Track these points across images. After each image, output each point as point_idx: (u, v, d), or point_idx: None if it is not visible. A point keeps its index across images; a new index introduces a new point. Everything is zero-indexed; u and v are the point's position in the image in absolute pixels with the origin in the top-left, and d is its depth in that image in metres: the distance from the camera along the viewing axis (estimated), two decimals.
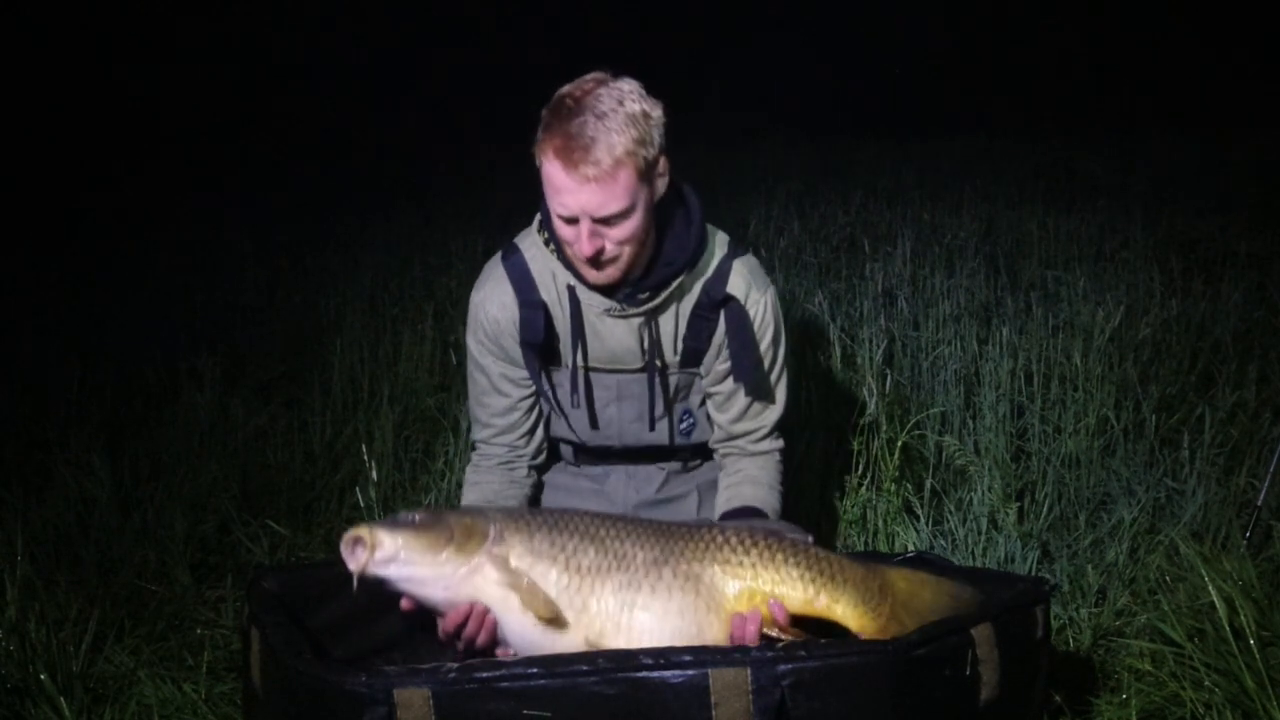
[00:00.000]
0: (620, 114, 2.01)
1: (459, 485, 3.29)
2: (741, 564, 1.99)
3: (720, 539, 2.01)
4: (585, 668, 1.70)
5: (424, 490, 3.40)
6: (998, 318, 4.40)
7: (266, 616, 1.91)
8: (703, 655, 1.72)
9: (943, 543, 2.95)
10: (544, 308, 2.26)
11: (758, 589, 1.99)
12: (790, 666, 1.70)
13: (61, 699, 2.29)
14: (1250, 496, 3.00)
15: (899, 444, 3.07)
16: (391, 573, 1.88)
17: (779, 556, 2.00)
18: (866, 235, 5.64)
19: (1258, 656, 2.12)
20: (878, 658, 1.73)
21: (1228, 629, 2.17)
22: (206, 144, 10.28)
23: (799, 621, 1.97)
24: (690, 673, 1.69)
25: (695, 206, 2.25)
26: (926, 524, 3.01)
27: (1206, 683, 2.20)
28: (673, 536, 2.01)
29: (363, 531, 1.85)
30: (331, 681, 1.71)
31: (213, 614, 2.83)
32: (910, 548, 2.81)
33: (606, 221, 2.05)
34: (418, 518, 1.93)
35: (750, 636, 1.94)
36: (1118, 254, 5.23)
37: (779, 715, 1.69)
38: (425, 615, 2.09)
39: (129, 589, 2.92)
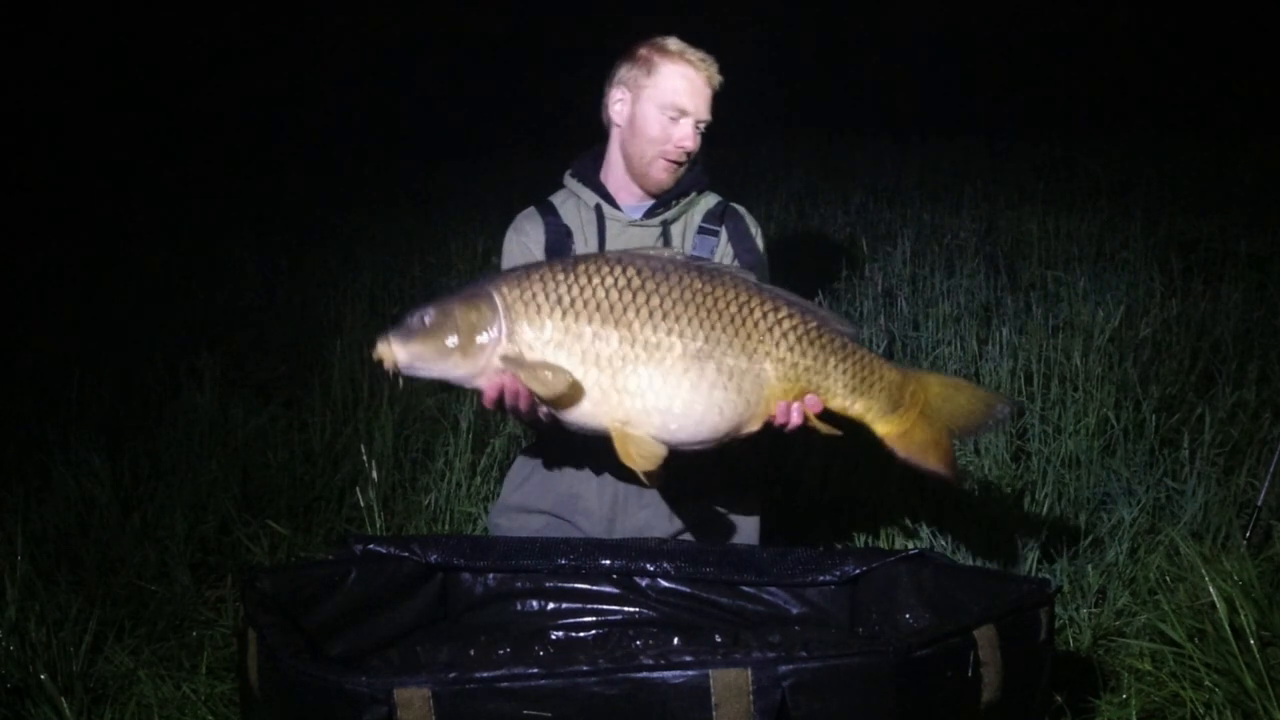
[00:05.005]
0: None
1: (458, 485, 3.31)
2: (795, 365, 2.06)
3: (776, 331, 2.05)
4: (585, 668, 1.70)
5: (424, 490, 3.40)
6: (998, 318, 4.40)
7: (263, 618, 1.91)
8: (703, 656, 1.71)
9: (943, 543, 2.95)
10: (567, 229, 2.57)
11: (802, 386, 2.07)
12: (791, 667, 1.69)
13: (61, 699, 2.30)
14: (1250, 496, 3.00)
15: None
16: (415, 374, 2.03)
17: (830, 361, 2.08)
18: (866, 235, 5.64)
19: (1258, 656, 2.12)
20: (879, 658, 1.73)
21: (1228, 629, 2.17)
22: (206, 144, 10.28)
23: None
24: (691, 673, 1.69)
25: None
26: (927, 524, 3.00)
27: (1206, 683, 2.20)
28: (719, 320, 2.02)
29: (380, 348, 1.99)
30: (331, 681, 1.71)
31: (212, 614, 2.83)
32: (911, 546, 2.81)
33: (700, 125, 2.50)
34: (428, 318, 2.01)
35: (794, 423, 2.07)
36: (1118, 254, 5.22)
37: (779, 716, 1.69)
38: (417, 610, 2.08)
39: (129, 589, 2.92)
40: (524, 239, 2.57)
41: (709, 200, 2.65)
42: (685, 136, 2.49)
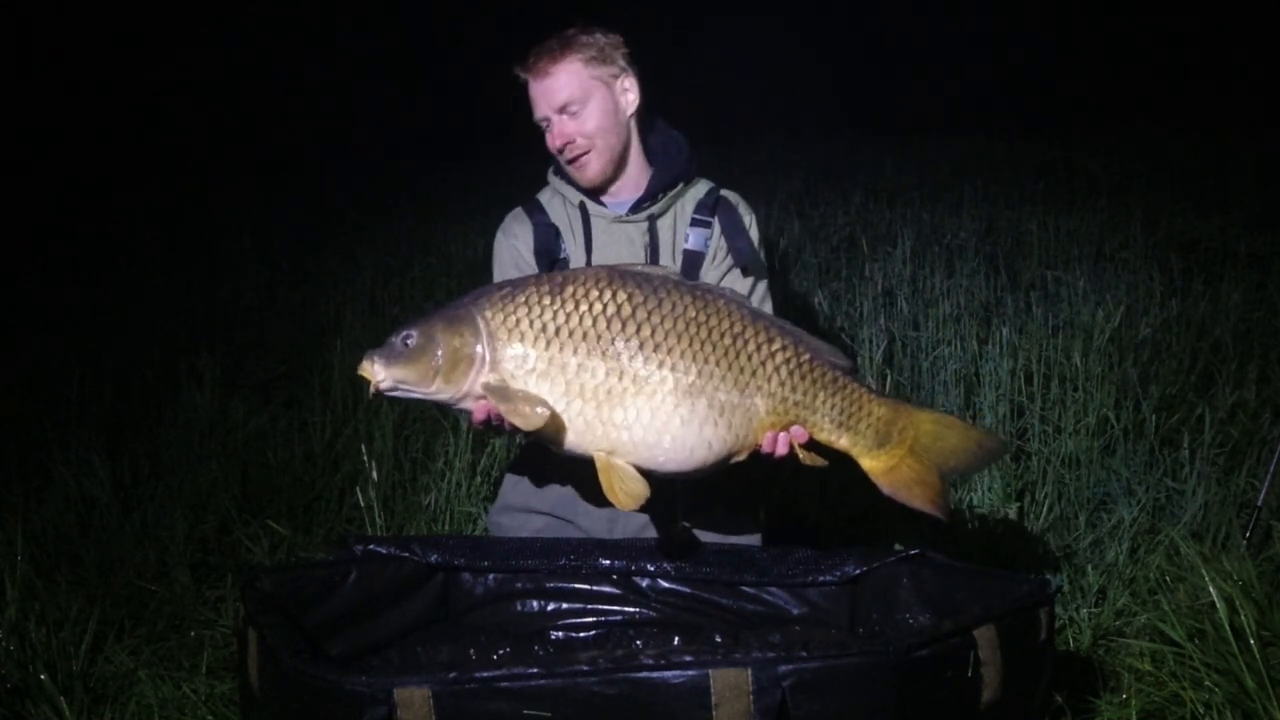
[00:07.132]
0: (573, 30, 2.42)
1: (458, 485, 3.31)
2: (785, 399, 2.05)
3: (769, 365, 2.03)
4: (585, 668, 1.70)
5: (424, 490, 3.39)
6: (998, 318, 4.40)
7: (263, 618, 1.91)
8: (703, 655, 1.71)
9: (943, 543, 2.95)
10: (555, 228, 2.51)
11: (790, 419, 2.06)
12: (791, 667, 1.69)
13: (61, 699, 2.30)
14: (1250, 496, 3.00)
15: None
16: (397, 396, 2.02)
17: (820, 396, 2.07)
18: (866, 235, 5.63)
19: (1258, 656, 2.11)
20: (879, 658, 1.73)
21: (1228, 629, 2.17)
22: (207, 145, 10.29)
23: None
24: (691, 673, 1.69)
25: (681, 139, 2.57)
26: (927, 524, 3.00)
27: (1206, 683, 2.20)
28: (712, 352, 2.00)
29: (363, 369, 1.99)
30: (331, 681, 1.71)
31: (213, 614, 2.83)
32: (911, 547, 2.81)
33: (567, 111, 2.39)
34: (411, 341, 1.99)
35: (780, 453, 2.06)
36: (1118, 254, 5.22)
37: (779, 716, 1.69)
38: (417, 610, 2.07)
39: (129, 589, 2.92)
40: (514, 242, 2.55)
41: (699, 189, 2.56)
42: (557, 136, 2.41)
